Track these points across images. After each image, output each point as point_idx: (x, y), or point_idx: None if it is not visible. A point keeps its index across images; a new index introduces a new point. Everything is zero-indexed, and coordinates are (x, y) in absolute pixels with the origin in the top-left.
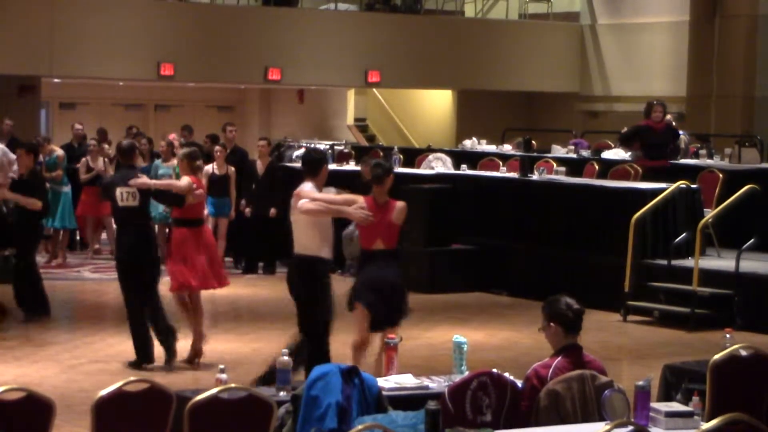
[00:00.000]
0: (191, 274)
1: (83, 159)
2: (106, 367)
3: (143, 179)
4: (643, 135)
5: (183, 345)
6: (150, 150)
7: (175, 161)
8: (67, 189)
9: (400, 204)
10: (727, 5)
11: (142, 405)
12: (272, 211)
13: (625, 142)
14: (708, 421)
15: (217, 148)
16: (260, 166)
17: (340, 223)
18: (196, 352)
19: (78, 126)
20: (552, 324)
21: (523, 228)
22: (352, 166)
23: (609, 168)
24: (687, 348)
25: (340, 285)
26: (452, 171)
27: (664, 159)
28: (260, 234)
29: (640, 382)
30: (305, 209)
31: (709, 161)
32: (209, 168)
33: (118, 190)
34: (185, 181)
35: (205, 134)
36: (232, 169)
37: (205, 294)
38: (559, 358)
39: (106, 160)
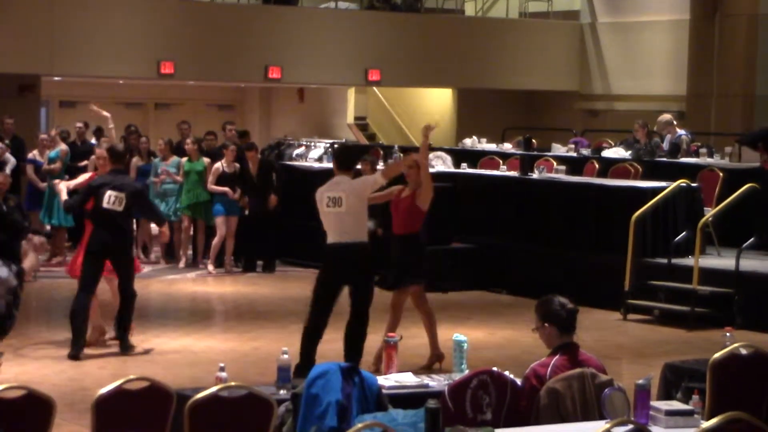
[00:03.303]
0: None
1: (92, 157)
2: (107, 365)
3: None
4: None
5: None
6: (147, 149)
7: (174, 158)
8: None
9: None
10: (727, 4)
11: (143, 403)
12: (273, 198)
13: (749, 144)
14: (708, 419)
15: (227, 144)
16: (252, 168)
17: None
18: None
19: (79, 124)
20: (546, 324)
21: (524, 226)
22: None
23: (609, 167)
24: (687, 346)
25: None
26: (452, 169)
27: None
28: (259, 233)
29: (640, 381)
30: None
31: (709, 160)
32: (219, 166)
33: (108, 192)
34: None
35: (204, 133)
36: (237, 165)
37: (206, 293)
38: (557, 356)
39: None
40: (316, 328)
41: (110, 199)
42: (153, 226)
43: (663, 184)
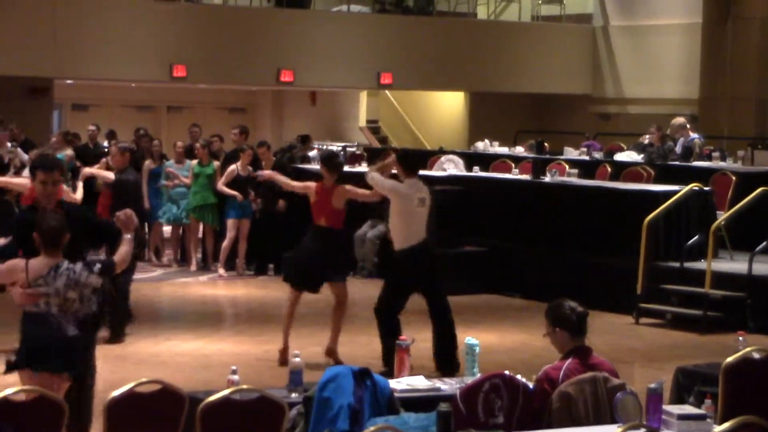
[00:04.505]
0: None
1: (103, 160)
2: (119, 367)
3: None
4: None
5: None
6: (159, 152)
7: (189, 162)
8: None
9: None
10: (740, 7)
11: (154, 406)
12: (280, 203)
13: None
14: (720, 424)
15: (244, 147)
16: (266, 168)
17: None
18: None
19: (91, 127)
20: (557, 329)
21: (536, 230)
22: (364, 167)
23: (621, 170)
24: (699, 351)
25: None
26: (464, 173)
27: None
28: (270, 236)
29: (653, 385)
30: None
31: (721, 164)
32: (234, 168)
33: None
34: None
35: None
36: (251, 168)
37: (218, 296)
38: (569, 360)
39: None
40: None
41: None
42: (166, 228)
43: (675, 187)
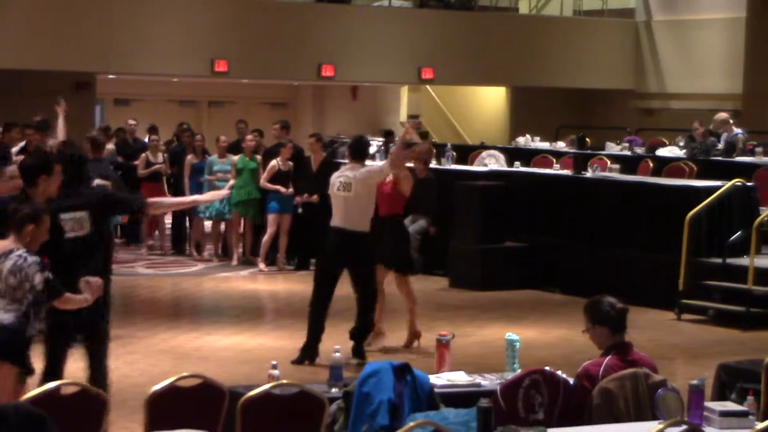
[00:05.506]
0: None
1: (143, 154)
2: (160, 362)
3: None
4: None
5: None
6: (202, 146)
7: (231, 157)
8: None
9: None
10: None
11: (195, 400)
12: (314, 197)
13: None
14: (763, 420)
15: (284, 142)
16: (315, 160)
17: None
18: None
19: (131, 121)
20: (596, 325)
21: (577, 225)
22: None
23: (663, 165)
24: (742, 347)
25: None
26: (506, 168)
27: None
28: (312, 230)
29: (694, 381)
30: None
31: (765, 159)
32: (275, 163)
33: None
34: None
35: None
36: (291, 164)
37: (258, 291)
38: (610, 356)
39: (165, 155)
40: (319, 311)
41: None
42: (207, 223)
43: (718, 183)
